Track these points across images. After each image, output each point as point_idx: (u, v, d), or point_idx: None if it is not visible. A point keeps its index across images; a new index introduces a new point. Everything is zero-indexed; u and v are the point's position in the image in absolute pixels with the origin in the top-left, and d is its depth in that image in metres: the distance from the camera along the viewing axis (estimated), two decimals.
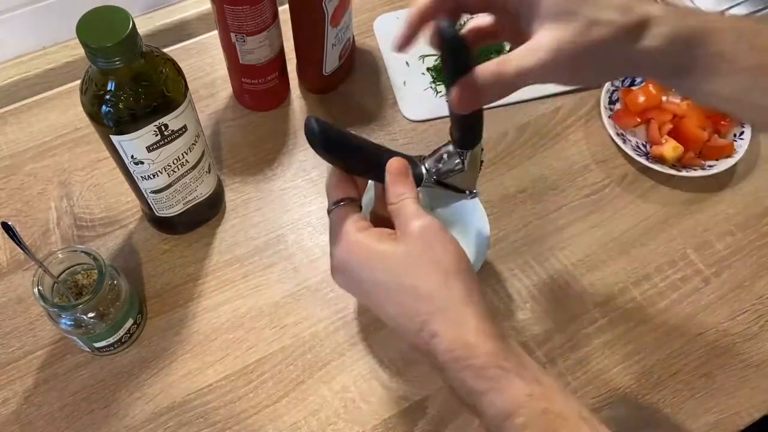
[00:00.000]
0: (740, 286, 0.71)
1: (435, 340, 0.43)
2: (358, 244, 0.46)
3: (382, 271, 0.45)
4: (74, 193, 0.76)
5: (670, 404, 0.65)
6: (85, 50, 0.52)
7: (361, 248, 0.46)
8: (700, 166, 0.76)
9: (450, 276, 0.44)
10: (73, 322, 0.60)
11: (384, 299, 0.45)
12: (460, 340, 0.42)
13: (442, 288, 0.44)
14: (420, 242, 0.45)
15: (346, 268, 0.47)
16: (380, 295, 0.46)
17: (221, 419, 0.64)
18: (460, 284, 0.44)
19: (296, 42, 0.80)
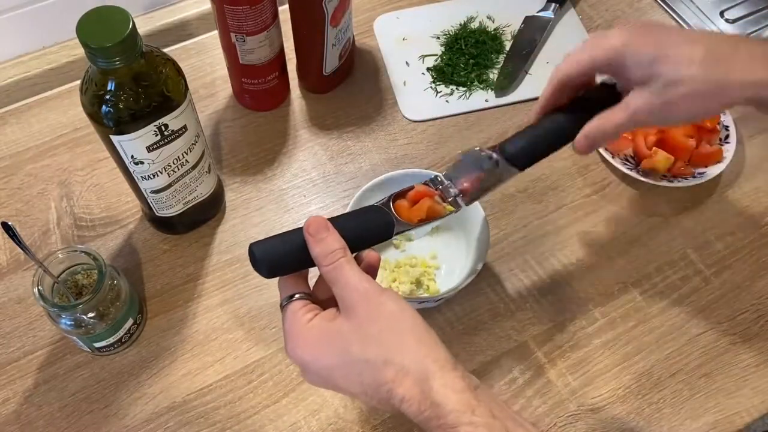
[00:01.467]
0: (740, 286, 0.71)
1: (405, 404, 0.42)
2: (306, 336, 0.46)
3: (333, 355, 0.45)
4: (74, 193, 0.76)
5: (670, 404, 0.65)
6: (85, 50, 0.52)
7: (310, 339, 0.46)
8: (691, 174, 0.76)
9: (404, 336, 0.44)
10: (73, 322, 0.60)
11: (345, 380, 0.45)
12: (427, 400, 0.42)
13: (397, 350, 0.43)
14: (362, 311, 0.44)
15: (302, 363, 0.46)
16: (340, 377, 0.45)
17: (221, 419, 0.64)
18: (414, 341, 0.44)
19: (296, 42, 0.80)
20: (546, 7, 0.90)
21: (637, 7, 0.93)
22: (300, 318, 0.46)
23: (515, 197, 0.76)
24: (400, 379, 0.43)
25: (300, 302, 0.47)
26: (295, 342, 0.46)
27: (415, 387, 0.42)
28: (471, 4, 0.91)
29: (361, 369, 0.44)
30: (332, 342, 0.45)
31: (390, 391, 0.43)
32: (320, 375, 0.46)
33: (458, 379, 0.43)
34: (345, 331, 0.45)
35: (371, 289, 0.45)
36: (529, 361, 0.67)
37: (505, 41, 0.88)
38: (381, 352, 0.43)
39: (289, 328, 0.47)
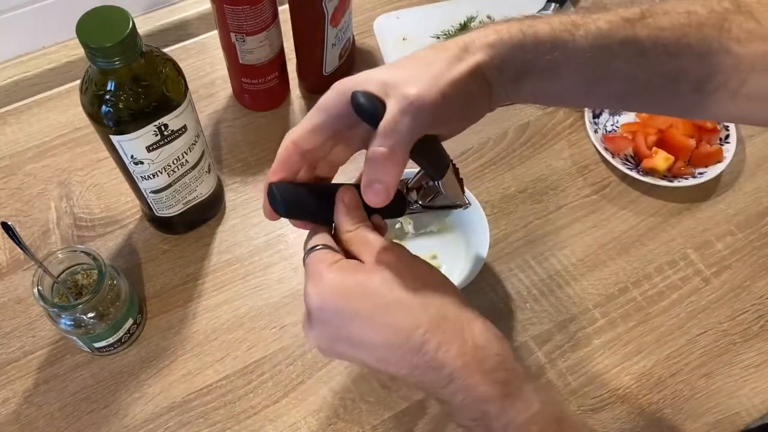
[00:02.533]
0: (740, 286, 0.71)
1: (442, 349, 0.40)
2: (332, 278, 0.42)
3: (363, 298, 0.41)
4: (74, 193, 0.76)
5: (670, 404, 0.65)
6: (84, 50, 0.52)
7: (337, 281, 0.42)
8: (691, 174, 0.76)
9: (438, 286, 0.43)
10: (73, 322, 0.60)
11: (368, 327, 0.41)
12: (468, 343, 0.40)
13: (436, 299, 0.42)
14: (395, 263, 0.43)
15: (321, 306, 0.42)
16: (363, 324, 0.41)
17: (221, 419, 0.63)
18: (449, 292, 0.43)
19: (296, 42, 0.80)
20: (546, 7, 0.90)
21: None
22: (326, 262, 0.43)
23: (515, 197, 0.76)
24: (440, 322, 0.40)
25: (324, 251, 0.44)
26: (318, 282, 0.42)
27: (455, 331, 0.40)
28: (471, 4, 0.91)
29: (394, 311, 0.41)
30: (362, 285, 0.42)
31: (427, 334, 0.40)
32: (337, 323, 0.42)
33: (495, 328, 0.42)
34: (378, 277, 0.42)
35: (400, 247, 0.44)
36: (529, 361, 0.67)
37: None
38: (418, 295, 0.41)
39: (313, 271, 0.43)
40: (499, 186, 0.77)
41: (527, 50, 0.42)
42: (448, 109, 0.43)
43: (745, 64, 0.40)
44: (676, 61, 0.41)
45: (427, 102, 0.41)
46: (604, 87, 0.44)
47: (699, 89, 0.42)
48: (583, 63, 0.42)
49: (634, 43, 0.41)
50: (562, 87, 0.44)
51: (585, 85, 0.44)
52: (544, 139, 0.80)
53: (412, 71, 0.42)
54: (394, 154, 0.42)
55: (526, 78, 0.43)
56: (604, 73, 0.43)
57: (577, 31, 0.42)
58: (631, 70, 0.42)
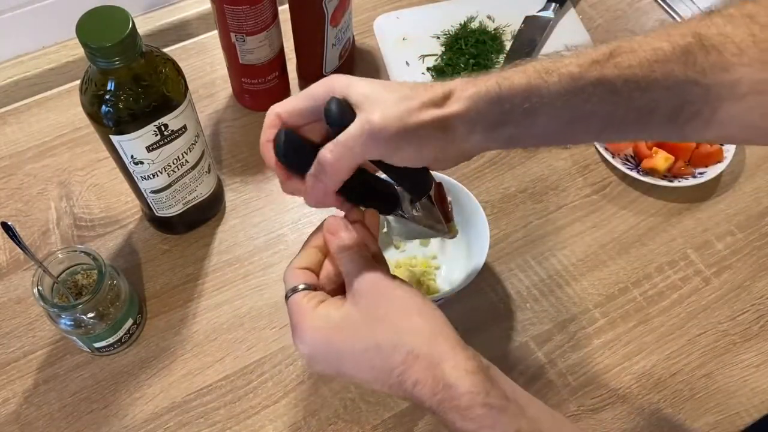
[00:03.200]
0: (740, 286, 0.71)
1: (417, 387, 0.42)
2: (313, 324, 0.46)
3: (343, 342, 0.45)
4: (74, 193, 0.76)
5: (670, 404, 0.65)
6: (84, 50, 0.52)
7: (317, 327, 0.45)
8: (691, 174, 0.76)
9: (411, 318, 0.44)
10: (72, 322, 0.60)
11: (356, 368, 0.45)
12: (440, 383, 0.42)
13: (407, 334, 0.43)
14: (370, 297, 0.45)
15: (310, 353, 0.46)
16: (351, 365, 0.45)
17: (221, 419, 0.63)
18: (423, 323, 0.44)
19: (296, 42, 0.80)
20: (546, 7, 0.90)
21: (637, 7, 0.93)
22: (305, 306, 0.46)
23: (515, 197, 0.76)
24: (411, 362, 0.42)
25: (303, 292, 0.47)
26: (302, 331, 0.46)
27: (427, 370, 0.42)
28: (471, 4, 0.91)
29: (371, 355, 0.44)
30: (340, 329, 0.45)
31: (401, 375, 0.43)
32: (329, 363, 0.46)
33: (470, 360, 0.43)
34: (353, 316, 0.45)
35: (380, 275, 0.46)
36: (529, 361, 0.67)
37: (505, 41, 0.88)
38: (390, 335, 0.43)
39: (296, 319, 0.47)
40: (499, 186, 0.77)
41: (504, 101, 0.44)
42: (402, 148, 0.45)
43: (713, 94, 0.42)
44: (648, 95, 0.43)
45: (384, 134, 0.43)
46: (581, 126, 0.46)
47: (673, 119, 0.43)
48: (558, 107, 0.44)
49: (604, 83, 0.43)
50: (541, 131, 0.46)
51: (563, 126, 0.46)
52: None
53: (390, 97, 0.45)
54: (338, 164, 0.45)
55: (503, 126, 0.45)
56: (580, 114, 0.44)
57: (550, 78, 0.43)
58: (605, 109, 0.44)
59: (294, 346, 0.47)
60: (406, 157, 0.46)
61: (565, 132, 0.46)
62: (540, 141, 0.49)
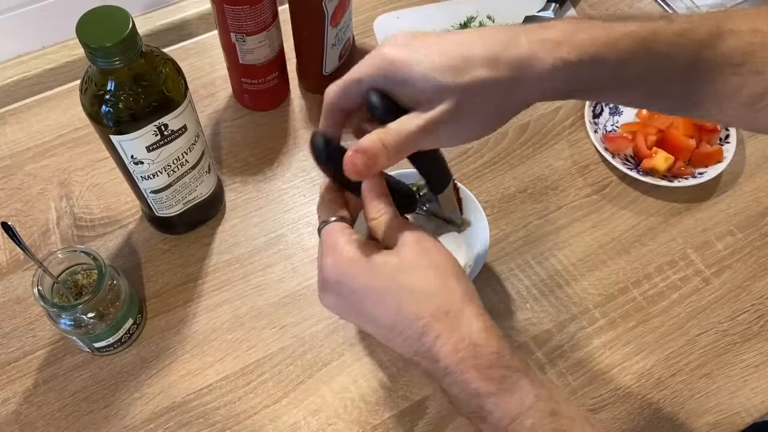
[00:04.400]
0: (740, 286, 0.71)
1: (438, 342, 0.42)
2: (350, 253, 0.45)
3: (377, 277, 0.44)
4: (74, 193, 0.76)
5: (670, 404, 0.65)
6: (84, 50, 0.52)
7: (355, 257, 0.44)
8: (691, 174, 0.76)
9: (448, 278, 0.44)
10: (73, 322, 0.60)
11: (379, 306, 0.43)
12: (465, 340, 0.41)
13: (442, 290, 0.43)
14: (414, 249, 0.44)
15: (338, 279, 0.45)
16: (375, 303, 0.44)
17: (221, 419, 0.63)
18: (459, 286, 0.44)
19: (296, 42, 0.80)
20: (546, 7, 0.90)
21: (637, 8, 0.93)
22: (346, 237, 0.45)
23: (515, 197, 0.76)
24: (441, 315, 0.42)
25: (342, 224, 0.46)
26: (338, 255, 0.45)
27: (454, 327, 0.42)
28: (471, 4, 0.91)
29: (401, 297, 0.43)
30: (376, 265, 0.44)
31: (427, 326, 0.42)
32: (351, 297, 0.44)
33: (497, 327, 0.43)
34: (392, 261, 0.44)
35: (423, 234, 0.45)
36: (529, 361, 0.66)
37: None
38: (427, 286, 0.43)
39: (333, 243, 0.45)
40: (499, 186, 0.77)
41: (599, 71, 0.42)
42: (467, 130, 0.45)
43: None
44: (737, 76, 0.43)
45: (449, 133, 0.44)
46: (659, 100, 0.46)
47: (751, 105, 0.43)
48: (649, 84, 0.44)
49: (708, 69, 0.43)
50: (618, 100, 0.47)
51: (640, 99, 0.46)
52: (544, 139, 0.80)
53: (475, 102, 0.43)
54: (392, 155, 0.43)
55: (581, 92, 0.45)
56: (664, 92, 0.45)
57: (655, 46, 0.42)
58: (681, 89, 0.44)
59: (320, 269, 0.45)
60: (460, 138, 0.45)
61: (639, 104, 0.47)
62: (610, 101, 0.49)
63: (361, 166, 0.43)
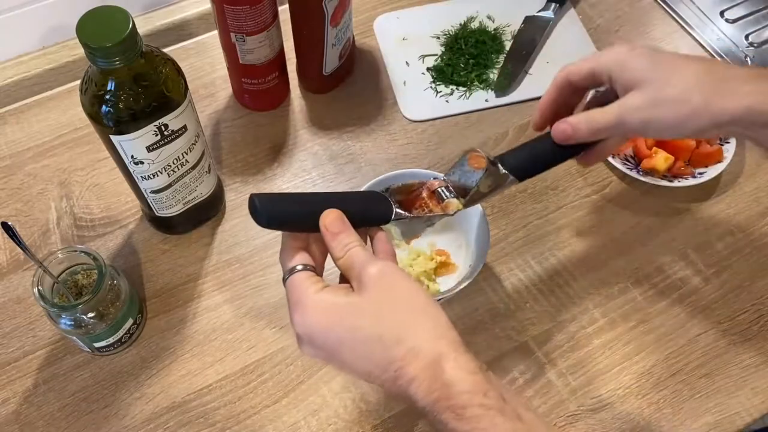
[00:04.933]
0: (740, 286, 0.71)
1: (413, 385, 0.42)
2: (315, 306, 0.45)
3: (345, 327, 0.44)
4: (74, 193, 0.76)
5: (670, 404, 0.65)
6: (85, 50, 0.52)
7: (320, 309, 0.45)
8: (691, 174, 0.76)
9: (415, 314, 0.44)
10: (73, 322, 0.60)
11: (353, 356, 0.44)
12: (438, 381, 0.41)
13: (410, 329, 0.43)
14: (377, 288, 0.44)
15: (309, 333, 0.45)
16: (348, 353, 0.44)
17: (221, 419, 0.64)
18: (427, 320, 0.44)
19: (296, 42, 0.80)
20: (546, 7, 0.90)
21: (638, 7, 0.93)
22: (308, 287, 0.45)
23: (515, 197, 0.76)
24: (411, 358, 0.42)
25: (306, 273, 0.47)
26: (303, 309, 0.45)
27: (427, 367, 0.42)
28: (471, 4, 0.91)
29: (371, 346, 0.43)
30: (344, 315, 0.44)
31: (399, 370, 0.42)
32: (326, 348, 0.45)
33: (470, 361, 0.42)
34: (358, 305, 0.44)
35: (387, 266, 0.46)
36: (529, 361, 0.67)
37: (505, 41, 0.88)
38: (394, 329, 0.43)
39: (297, 297, 0.45)
40: None
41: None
42: None
43: None
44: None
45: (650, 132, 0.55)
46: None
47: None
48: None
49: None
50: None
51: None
52: None
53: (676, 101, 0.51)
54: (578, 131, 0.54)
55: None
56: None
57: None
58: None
59: (292, 324, 0.46)
60: None
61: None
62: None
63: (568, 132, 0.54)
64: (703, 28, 0.91)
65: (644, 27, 0.91)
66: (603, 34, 0.90)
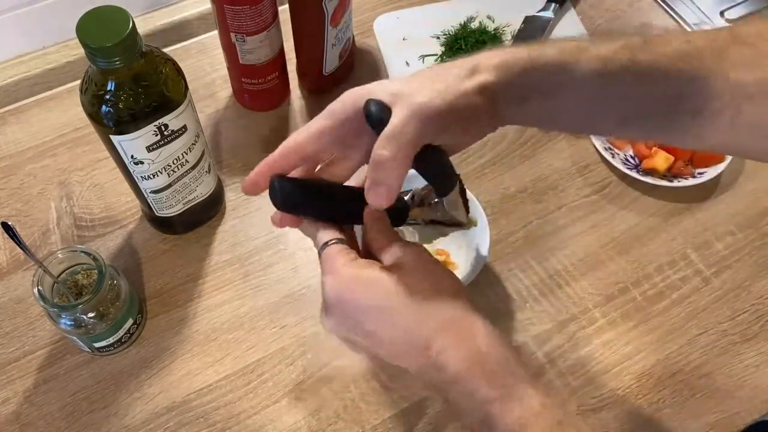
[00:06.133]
0: (740, 286, 0.71)
1: (446, 353, 0.42)
2: (352, 273, 0.45)
3: (380, 295, 0.44)
4: (74, 193, 0.76)
5: (670, 404, 0.65)
6: (85, 50, 0.52)
7: (357, 277, 0.45)
8: (691, 174, 0.76)
9: (447, 290, 0.45)
10: (73, 322, 0.60)
11: (383, 323, 0.44)
12: (473, 349, 0.42)
13: (445, 303, 0.44)
14: (414, 265, 0.45)
15: (340, 299, 0.45)
16: (379, 319, 0.44)
17: (221, 419, 0.63)
18: (458, 297, 0.45)
19: (296, 42, 0.80)
20: (546, 7, 0.90)
21: (638, 7, 0.93)
22: (344, 256, 0.46)
23: (515, 197, 0.76)
24: (445, 325, 0.43)
25: (340, 245, 0.47)
26: (337, 275, 0.45)
27: (461, 338, 0.42)
28: (471, 4, 0.91)
29: (404, 312, 0.43)
30: (377, 282, 0.44)
31: (431, 338, 0.42)
32: (353, 315, 0.45)
33: (502, 335, 0.43)
34: (396, 278, 0.44)
35: (420, 249, 0.46)
36: (529, 361, 0.67)
37: (505, 41, 0.88)
38: (430, 300, 0.44)
39: (332, 264, 0.46)
40: (499, 186, 0.77)
41: (532, 73, 0.44)
42: (454, 120, 0.44)
43: (741, 90, 0.41)
44: (675, 85, 0.42)
45: (432, 109, 0.43)
46: (605, 110, 0.45)
47: (697, 114, 0.43)
48: (585, 86, 0.44)
49: (634, 67, 0.42)
50: (565, 109, 0.46)
51: (586, 107, 0.45)
52: (544, 139, 0.80)
53: (421, 84, 0.44)
54: (397, 157, 0.43)
55: (530, 100, 0.45)
56: (605, 96, 0.44)
57: (582, 55, 0.43)
58: (631, 94, 0.44)
59: (323, 290, 0.46)
60: (457, 130, 0.46)
61: (587, 115, 0.46)
62: (561, 123, 0.49)
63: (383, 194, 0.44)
64: (703, 27, 0.91)
65: (644, 27, 0.91)
66: None
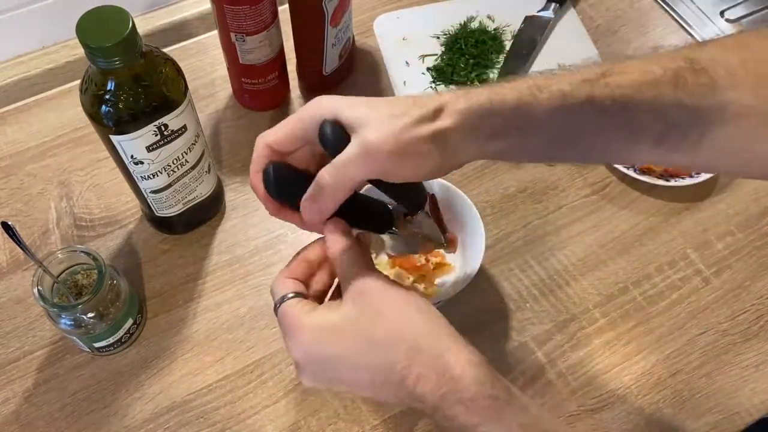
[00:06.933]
0: (740, 286, 0.71)
1: (420, 383, 0.42)
2: (309, 327, 0.45)
3: (341, 342, 0.44)
4: (74, 193, 0.76)
5: (670, 404, 0.65)
6: (84, 50, 0.52)
7: (314, 329, 0.45)
8: (690, 174, 0.76)
9: (411, 314, 0.44)
10: (73, 322, 0.60)
11: (354, 369, 0.44)
12: (445, 375, 0.41)
13: (407, 329, 0.43)
14: (368, 296, 0.45)
15: (308, 356, 0.45)
16: (349, 367, 0.44)
17: (221, 419, 0.64)
18: (423, 318, 0.44)
19: (296, 42, 0.80)
20: (546, 7, 0.90)
21: (637, 8, 0.93)
22: (299, 311, 0.46)
23: (515, 197, 0.76)
24: (414, 356, 0.42)
25: (296, 299, 0.47)
26: (296, 335, 0.45)
27: (430, 364, 0.42)
28: (471, 4, 0.91)
29: (371, 353, 0.43)
30: (338, 330, 0.44)
31: (404, 370, 0.42)
32: (326, 369, 0.45)
33: (474, 354, 0.43)
34: (352, 314, 0.44)
35: (379, 277, 0.46)
36: (529, 361, 0.67)
37: (505, 41, 0.88)
38: (391, 330, 0.43)
39: (289, 323, 0.46)
40: (499, 186, 0.77)
41: (495, 116, 0.44)
42: (401, 165, 0.45)
43: (701, 116, 0.41)
44: (636, 117, 0.42)
45: (381, 152, 0.44)
46: (568, 145, 0.46)
47: (659, 143, 0.43)
48: (548, 124, 0.44)
49: (593, 101, 0.43)
50: (530, 147, 0.46)
51: (551, 143, 0.46)
52: None
53: (382, 116, 0.45)
54: (336, 188, 0.45)
55: (494, 140, 0.45)
56: (568, 132, 0.45)
57: (541, 94, 0.43)
58: (593, 128, 0.44)
59: (288, 353, 0.46)
60: (403, 173, 0.46)
61: (553, 149, 0.47)
62: (529, 156, 0.49)
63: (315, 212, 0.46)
64: (703, 27, 0.91)
65: (644, 27, 0.91)
66: (603, 34, 0.90)
